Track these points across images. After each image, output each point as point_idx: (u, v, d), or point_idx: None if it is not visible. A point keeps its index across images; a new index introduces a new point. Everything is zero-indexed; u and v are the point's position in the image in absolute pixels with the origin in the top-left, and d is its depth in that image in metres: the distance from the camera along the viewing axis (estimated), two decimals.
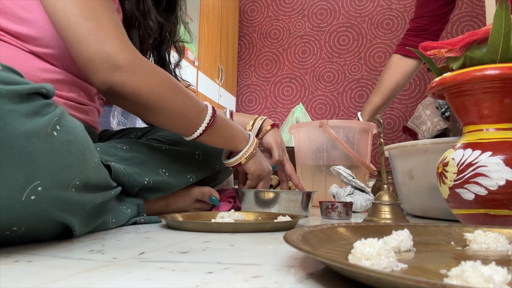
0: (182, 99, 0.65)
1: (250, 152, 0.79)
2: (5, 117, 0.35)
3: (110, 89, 0.59)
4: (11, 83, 0.36)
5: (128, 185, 0.66)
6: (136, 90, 0.60)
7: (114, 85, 0.59)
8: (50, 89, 0.41)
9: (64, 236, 0.48)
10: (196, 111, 0.68)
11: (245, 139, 0.79)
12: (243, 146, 0.78)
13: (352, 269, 0.25)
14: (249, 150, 0.79)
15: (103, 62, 0.57)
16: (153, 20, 0.78)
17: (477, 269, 0.22)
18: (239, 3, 3.51)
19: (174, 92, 0.64)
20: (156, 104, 0.62)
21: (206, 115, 0.69)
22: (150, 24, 0.78)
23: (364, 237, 0.32)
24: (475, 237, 0.41)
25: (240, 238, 0.53)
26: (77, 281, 0.29)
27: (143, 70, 0.60)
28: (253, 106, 3.45)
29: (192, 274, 0.31)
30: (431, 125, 2.67)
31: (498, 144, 0.58)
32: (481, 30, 0.62)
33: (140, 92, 0.60)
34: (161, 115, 0.63)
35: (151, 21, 0.78)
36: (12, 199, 0.36)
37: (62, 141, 0.40)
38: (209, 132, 0.70)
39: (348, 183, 1.03)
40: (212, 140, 0.73)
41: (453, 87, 0.63)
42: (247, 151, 0.78)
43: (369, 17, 3.27)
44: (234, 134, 0.76)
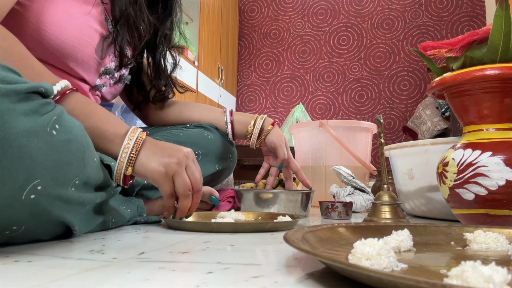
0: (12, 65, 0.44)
1: (129, 152, 0.52)
2: (4, 116, 0.35)
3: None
4: (9, 82, 0.36)
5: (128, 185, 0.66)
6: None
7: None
8: (48, 88, 0.41)
9: (64, 236, 0.48)
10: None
11: (120, 136, 0.54)
12: (118, 146, 0.53)
13: (352, 269, 0.25)
14: (128, 149, 0.53)
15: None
16: (145, 21, 0.76)
17: (477, 269, 0.22)
18: (239, 3, 3.51)
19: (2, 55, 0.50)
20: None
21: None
22: (142, 25, 0.76)
23: (364, 237, 0.32)
24: (475, 237, 0.41)
25: (240, 238, 0.53)
26: (77, 281, 0.29)
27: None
28: (253, 106, 3.45)
29: (192, 274, 0.31)
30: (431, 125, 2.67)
31: (498, 144, 0.58)
32: (481, 30, 0.62)
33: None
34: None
35: (143, 22, 0.76)
36: (11, 198, 0.36)
37: (61, 140, 0.40)
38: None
39: (348, 183, 1.03)
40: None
41: (453, 87, 0.63)
42: (124, 152, 0.53)
43: (369, 17, 3.27)
44: (100, 127, 0.54)
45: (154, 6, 0.86)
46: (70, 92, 0.53)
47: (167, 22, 0.89)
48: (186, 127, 0.91)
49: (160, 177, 0.53)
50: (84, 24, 0.68)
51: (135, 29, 0.75)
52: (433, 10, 3.14)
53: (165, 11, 0.89)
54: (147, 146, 0.54)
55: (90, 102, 0.56)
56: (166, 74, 0.92)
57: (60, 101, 0.52)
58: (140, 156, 0.53)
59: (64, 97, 0.52)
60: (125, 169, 0.53)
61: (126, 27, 0.74)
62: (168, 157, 0.53)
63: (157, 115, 0.96)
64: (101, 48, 0.72)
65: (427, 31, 3.13)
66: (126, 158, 0.52)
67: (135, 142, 0.53)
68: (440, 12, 3.13)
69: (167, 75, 0.93)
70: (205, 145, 0.85)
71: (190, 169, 0.55)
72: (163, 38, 0.90)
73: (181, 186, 0.54)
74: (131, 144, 0.53)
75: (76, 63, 0.69)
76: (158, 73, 0.91)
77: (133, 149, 0.53)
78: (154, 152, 0.54)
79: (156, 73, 0.90)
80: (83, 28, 0.67)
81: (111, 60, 0.76)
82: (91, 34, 0.69)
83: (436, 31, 3.12)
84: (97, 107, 0.56)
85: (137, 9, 0.74)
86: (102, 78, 0.77)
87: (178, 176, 0.54)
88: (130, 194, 0.68)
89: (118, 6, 0.72)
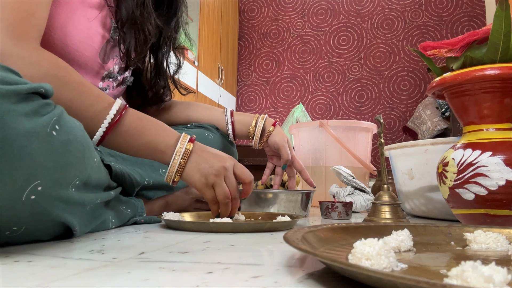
0: (69, 95, 0.53)
1: (178, 163, 0.60)
2: (4, 117, 0.35)
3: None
4: (9, 83, 0.36)
5: (129, 186, 0.66)
6: None
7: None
8: (49, 88, 0.41)
9: (64, 236, 0.48)
10: (92, 110, 0.55)
11: (170, 146, 0.61)
12: (169, 157, 0.60)
13: (352, 269, 0.25)
14: (177, 160, 0.60)
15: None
16: (152, 23, 0.75)
17: (477, 269, 0.22)
18: (239, 3, 3.51)
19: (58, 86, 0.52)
20: None
21: (107, 115, 0.56)
22: (149, 27, 0.75)
23: (364, 237, 0.32)
24: (475, 237, 0.41)
25: (240, 238, 0.53)
26: (77, 281, 0.29)
27: (17, 59, 0.51)
28: (253, 106, 3.45)
29: (192, 274, 0.31)
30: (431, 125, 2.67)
31: (498, 144, 0.58)
32: (481, 30, 0.62)
33: None
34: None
35: (150, 24, 0.75)
36: (12, 199, 0.36)
37: (62, 141, 0.40)
38: (115, 137, 0.57)
39: (348, 183, 1.03)
40: (122, 147, 0.59)
41: (453, 87, 0.63)
42: (174, 163, 0.60)
43: (369, 17, 3.27)
44: (153, 140, 0.60)
45: (160, 7, 0.85)
46: (122, 114, 0.58)
47: (172, 23, 0.87)
48: (186, 127, 0.91)
49: (201, 187, 0.61)
50: (89, 28, 0.67)
51: (142, 32, 0.75)
52: (433, 10, 3.14)
53: (170, 12, 0.87)
54: (193, 157, 0.61)
55: (142, 118, 0.61)
56: (166, 76, 0.91)
57: (118, 122, 0.57)
58: (187, 167, 0.61)
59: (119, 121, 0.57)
60: (173, 177, 0.60)
61: (133, 30, 0.73)
62: (210, 168, 0.61)
63: (158, 115, 0.96)
64: (105, 52, 0.72)
65: (427, 31, 3.13)
66: (175, 169, 0.60)
67: (183, 154, 0.60)
68: (440, 12, 3.13)
69: (167, 77, 0.92)
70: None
71: (228, 179, 0.63)
72: (167, 39, 0.89)
73: (221, 195, 0.62)
74: (180, 156, 0.60)
75: (79, 67, 0.68)
76: (158, 74, 0.90)
77: (181, 161, 0.60)
78: (198, 163, 0.61)
79: (156, 74, 0.90)
80: (87, 32, 0.67)
81: (115, 63, 0.76)
82: (95, 38, 0.68)
83: (436, 31, 3.12)
84: (148, 121, 0.61)
85: (144, 11, 0.73)
86: (105, 81, 0.76)
87: (217, 186, 0.62)
88: (130, 194, 0.68)
89: (125, 9, 0.71)
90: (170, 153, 0.60)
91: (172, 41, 0.89)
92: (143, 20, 0.73)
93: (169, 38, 0.89)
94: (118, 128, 0.57)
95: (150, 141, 0.60)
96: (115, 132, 0.57)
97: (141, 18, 0.73)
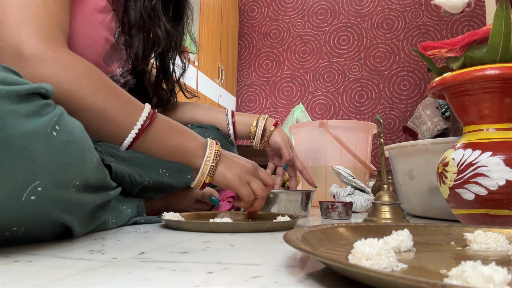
0: (104, 98, 0.54)
1: (210, 165, 0.61)
2: (5, 117, 0.35)
3: None
4: (10, 83, 0.36)
5: (129, 186, 0.66)
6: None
7: None
8: (49, 89, 0.41)
9: (64, 236, 0.48)
10: (125, 113, 0.56)
11: (200, 148, 0.62)
12: (199, 159, 0.62)
13: (352, 269, 0.25)
14: (209, 162, 0.61)
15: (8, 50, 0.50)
16: (161, 28, 0.74)
17: (477, 269, 0.22)
18: (239, 3, 3.51)
19: (93, 90, 0.53)
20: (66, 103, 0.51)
21: (139, 118, 0.57)
22: (158, 32, 0.74)
23: (364, 237, 0.32)
24: (475, 237, 0.41)
25: (240, 238, 0.53)
26: (77, 281, 0.29)
27: (52, 62, 0.51)
28: (253, 106, 3.45)
29: (192, 274, 0.31)
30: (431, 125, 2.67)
31: (498, 144, 0.58)
32: (481, 30, 0.62)
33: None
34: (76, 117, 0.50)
35: (159, 29, 0.74)
36: (12, 200, 0.36)
37: (62, 141, 0.39)
38: (145, 140, 0.58)
39: (348, 183, 1.03)
40: (153, 150, 0.60)
41: (453, 87, 0.63)
42: (206, 165, 0.61)
43: (369, 17, 3.27)
44: (182, 143, 0.61)
45: (167, 11, 0.84)
46: (153, 117, 0.59)
47: (178, 26, 0.87)
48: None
49: (237, 184, 0.64)
50: (94, 32, 0.67)
51: (151, 36, 0.74)
52: (433, 10, 3.14)
53: (177, 16, 0.87)
54: (223, 159, 0.64)
55: (169, 121, 0.62)
56: (173, 80, 0.91)
57: (147, 127, 0.58)
58: (219, 168, 0.63)
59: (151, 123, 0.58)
60: (205, 178, 0.62)
61: (141, 34, 0.73)
62: (241, 169, 0.65)
63: None
64: (109, 56, 0.71)
65: (427, 31, 3.13)
66: (207, 170, 0.61)
67: (215, 156, 0.62)
68: (440, 12, 3.12)
69: (174, 81, 0.92)
70: None
71: (257, 178, 0.67)
72: (174, 43, 0.88)
73: (259, 189, 0.65)
74: (212, 158, 0.62)
75: None
76: (166, 78, 0.89)
77: (213, 162, 0.62)
78: (228, 164, 0.64)
79: (163, 78, 0.89)
80: (93, 36, 0.67)
81: (118, 66, 0.76)
82: (100, 42, 0.68)
83: (436, 31, 3.12)
84: (176, 125, 0.63)
85: (153, 15, 0.73)
86: None
87: (253, 181, 0.65)
88: (130, 194, 0.68)
89: (134, 12, 0.71)
90: (201, 155, 0.62)
91: (178, 44, 0.89)
92: (152, 24, 0.73)
93: (175, 42, 0.88)
94: (149, 130, 0.58)
95: (180, 143, 0.61)
96: (147, 134, 0.58)
97: (150, 22, 0.72)
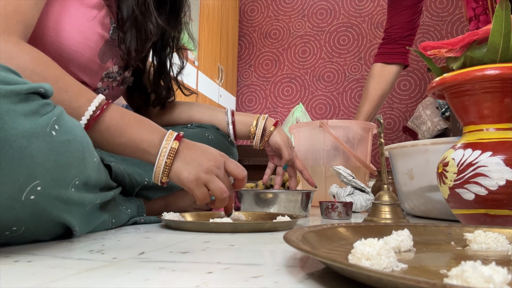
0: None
1: (164, 161, 0.57)
2: (4, 117, 0.35)
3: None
4: (9, 83, 0.36)
5: (128, 185, 0.66)
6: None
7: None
8: (48, 88, 0.41)
9: (64, 236, 0.48)
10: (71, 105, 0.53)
11: (155, 144, 0.58)
12: (153, 157, 0.58)
13: (352, 269, 0.25)
14: (162, 158, 0.57)
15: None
16: (153, 23, 0.74)
17: (477, 269, 0.22)
18: (239, 3, 3.51)
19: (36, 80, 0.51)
20: None
21: (86, 111, 0.53)
22: (150, 26, 0.74)
23: (364, 237, 0.32)
24: (475, 237, 0.41)
25: (240, 238, 0.53)
26: (77, 281, 0.29)
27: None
28: (253, 106, 3.45)
29: (192, 274, 0.31)
30: (431, 125, 2.67)
31: (498, 144, 0.58)
32: (481, 30, 0.62)
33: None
34: None
35: (151, 23, 0.74)
36: (11, 199, 0.36)
37: (61, 141, 0.40)
38: (95, 135, 0.55)
39: (348, 183, 1.03)
40: (103, 146, 0.57)
41: (453, 87, 0.63)
42: (160, 161, 0.57)
43: (369, 17, 3.27)
44: (134, 139, 0.57)
45: (162, 7, 0.84)
46: (106, 106, 0.56)
47: (174, 22, 0.87)
48: (187, 127, 0.91)
49: (191, 186, 0.58)
50: (88, 28, 0.67)
51: (143, 32, 0.74)
52: (433, 10, 3.14)
53: (173, 12, 0.87)
54: (180, 156, 0.58)
55: (124, 115, 0.58)
56: (169, 77, 0.91)
57: (97, 119, 0.55)
58: (174, 166, 0.58)
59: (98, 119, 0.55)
60: (161, 178, 0.58)
61: (134, 29, 0.72)
62: (199, 167, 0.58)
63: (161, 116, 0.96)
64: (104, 52, 0.71)
65: (427, 31, 3.13)
66: (161, 169, 0.57)
67: (169, 154, 0.57)
68: (440, 12, 3.13)
69: (171, 78, 0.91)
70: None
71: (219, 177, 0.61)
72: (170, 40, 0.88)
73: (217, 191, 0.59)
74: (165, 156, 0.57)
75: (78, 68, 0.68)
76: (162, 75, 0.89)
77: (167, 161, 0.57)
78: (185, 162, 0.58)
79: (160, 75, 0.89)
80: (87, 33, 0.67)
81: (114, 63, 0.76)
82: (94, 39, 0.68)
83: (436, 31, 3.12)
84: (132, 118, 0.58)
85: (144, 10, 0.72)
86: (104, 81, 0.76)
87: (210, 183, 0.59)
88: (130, 194, 0.68)
89: (125, 7, 0.71)
90: (154, 152, 0.57)
91: (175, 41, 0.89)
92: (144, 19, 0.73)
93: (172, 39, 0.88)
94: (97, 126, 0.55)
95: (133, 140, 0.57)
96: (95, 130, 0.55)
97: (141, 17, 0.72)
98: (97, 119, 0.55)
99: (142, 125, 0.59)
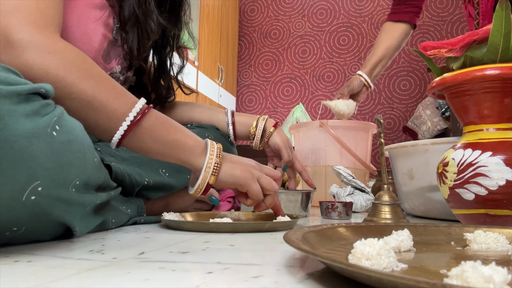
0: (93, 86, 0.51)
1: (214, 161, 0.57)
2: (5, 117, 0.35)
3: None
4: (10, 83, 0.36)
5: (129, 186, 0.66)
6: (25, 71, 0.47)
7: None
8: (49, 89, 0.41)
9: (64, 236, 0.48)
10: (117, 103, 0.53)
11: (199, 146, 0.59)
12: (200, 157, 0.58)
13: (352, 269, 0.25)
14: (212, 158, 0.57)
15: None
16: (154, 21, 0.74)
17: (477, 269, 0.22)
18: (239, 3, 3.51)
19: (82, 76, 0.50)
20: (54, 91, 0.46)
21: (132, 109, 0.53)
22: (151, 25, 0.73)
23: (364, 237, 0.32)
24: (475, 237, 0.41)
25: (240, 238, 0.53)
26: (77, 281, 0.29)
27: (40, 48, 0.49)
28: (253, 106, 3.45)
29: (192, 274, 0.31)
30: (431, 125, 2.67)
31: (498, 144, 0.58)
32: (481, 30, 0.62)
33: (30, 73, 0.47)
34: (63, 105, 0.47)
35: (152, 22, 0.73)
36: (12, 200, 0.36)
37: (62, 141, 0.39)
38: (138, 133, 0.54)
39: (348, 183, 1.03)
40: (146, 145, 0.55)
41: (453, 87, 0.63)
42: (209, 162, 0.57)
43: (369, 17, 3.27)
44: (180, 139, 0.57)
45: (163, 5, 0.84)
46: (148, 109, 0.55)
47: (175, 21, 0.87)
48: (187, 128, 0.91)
49: (247, 181, 0.60)
50: (92, 30, 0.66)
51: (145, 31, 0.73)
52: (433, 10, 3.14)
53: (174, 10, 0.87)
54: (226, 158, 0.60)
55: (166, 117, 0.59)
56: (169, 76, 0.91)
57: (141, 119, 0.54)
58: (223, 166, 0.59)
59: (145, 115, 0.54)
60: (209, 179, 0.57)
61: (136, 29, 0.72)
62: (246, 165, 0.62)
63: None
64: (107, 53, 0.71)
65: (427, 31, 3.13)
66: (211, 168, 0.57)
67: (217, 154, 0.58)
68: (440, 12, 3.13)
69: (171, 77, 0.92)
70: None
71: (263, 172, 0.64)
72: (171, 38, 0.88)
73: (268, 184, 0.62)
74: (214, 156, 0.58)
75: None
76: (163, 74, 0.89)
77: (217, 160, 0.58)
78: (232, 162, 0.61)
79: (160, 74, 0.89)
80: (91, 34, 0.66)
81: (117, 63, 0.76)
82: (98, 40, 0.68)
83: (436, 31, 3.11)
84: (173, 122, 0.59)
85: (145, 9, 0.72)
86: None
87: (262, 178, 0.62)
88: (130, 194, 0.68)
89: (127, 7, 0.70)
90: (201, 152, 0.58)
91: (175, 40, 0.89)
92: (145, 17, 0.73)
93: (172, 37, 0.88)
94: (143, 123, 0.54)
95: (178, 139, 0.57)
96: (141, 127, 0.54)
97: (143, 16, 0.72)
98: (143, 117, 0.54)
99: (183, 128, 0.60)
